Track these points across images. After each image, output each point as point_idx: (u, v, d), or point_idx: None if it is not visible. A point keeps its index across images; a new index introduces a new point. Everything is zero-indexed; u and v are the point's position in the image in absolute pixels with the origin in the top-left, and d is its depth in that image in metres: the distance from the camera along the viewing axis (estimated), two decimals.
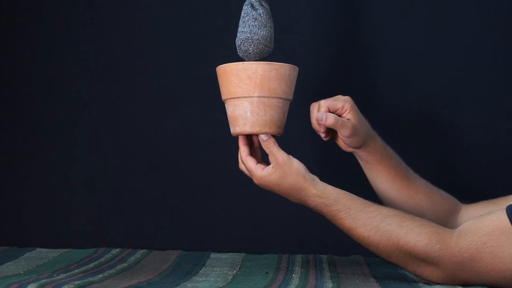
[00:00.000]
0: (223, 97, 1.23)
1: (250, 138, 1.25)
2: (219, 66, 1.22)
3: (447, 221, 1.30)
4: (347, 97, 1.26)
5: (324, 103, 1.25)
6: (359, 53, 1.55)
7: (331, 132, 1.28)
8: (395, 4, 1.55)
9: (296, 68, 1.23)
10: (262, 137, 1.21)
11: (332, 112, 1.24)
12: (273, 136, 1.21)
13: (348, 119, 1.25)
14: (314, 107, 1.26)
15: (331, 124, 1.23)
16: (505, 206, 1.07)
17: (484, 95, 1.53)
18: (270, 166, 1.19)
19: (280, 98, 1.20)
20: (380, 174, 1.30)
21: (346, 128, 1.24)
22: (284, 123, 1.23)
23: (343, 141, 1.27)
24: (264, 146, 1.21)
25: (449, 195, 1.33)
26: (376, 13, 1.55)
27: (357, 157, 1.31)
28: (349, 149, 1.29)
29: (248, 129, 1.20)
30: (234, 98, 1.20)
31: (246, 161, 1.21)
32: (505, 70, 1.52)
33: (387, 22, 1.55)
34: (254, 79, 1.18)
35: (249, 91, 1.19)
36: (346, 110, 1.25)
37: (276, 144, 1.20)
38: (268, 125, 1.20)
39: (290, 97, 1.23)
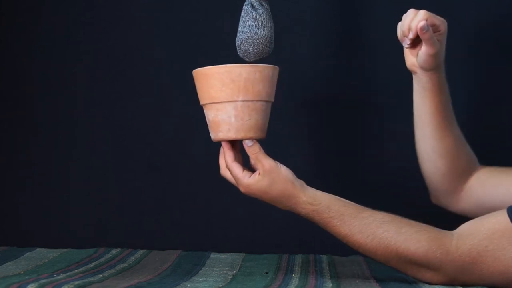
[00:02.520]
0: (202, 101, 1.19)
1: (232, 142, 1.18)
2: (196, 70, 1.18)
3: (459, 179, 1.27)
4: (444, 19, 1.22)
5: (427, 16, 1.19)
6: (359, 53, 1.55)
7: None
8: (395, 4, 1.54)
9: (277, 68, 1.19)
10: (247, 143, 1.15)
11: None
12: (257, 140, 1.16)
13: (438, 40, 1.21)
14: (412, 12, 1.22)
15: (428, 37, 1.19)
16: None
17: (484, 95, 1.53)
18: (257, 173, 1.14)
19: (264, 101, 1.16)
20: (428, 105, 1.24)
21: (434, 47, 1.20)
22: (267, 127, 1.19)
23: (420, 57, 1.22)
24: (249, 153, 1.15)
25: (473, 154, 1.29)
26: (376, 13, 1.54)
27: (416, 80, 1.25)
28: (415, 68, 1.24)
29: (232, 135, 1.15)
30: (216, 103, 1.15)
31: (232, 168, 1.16)
32: (505, 70, 1.52)
33: (387, 22, 1.54)
34: (238, 83, 1.13)
35: (233, 95, 1.13)
36: (439, 31, 1.21)
37: (262, 149, 1.15)
38: (253, 129, 1.15)
39: (272, 99, 1.19)
